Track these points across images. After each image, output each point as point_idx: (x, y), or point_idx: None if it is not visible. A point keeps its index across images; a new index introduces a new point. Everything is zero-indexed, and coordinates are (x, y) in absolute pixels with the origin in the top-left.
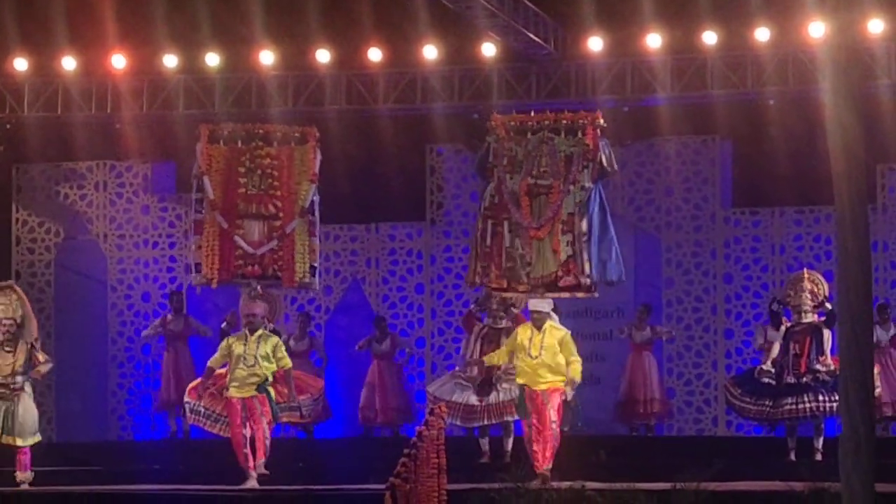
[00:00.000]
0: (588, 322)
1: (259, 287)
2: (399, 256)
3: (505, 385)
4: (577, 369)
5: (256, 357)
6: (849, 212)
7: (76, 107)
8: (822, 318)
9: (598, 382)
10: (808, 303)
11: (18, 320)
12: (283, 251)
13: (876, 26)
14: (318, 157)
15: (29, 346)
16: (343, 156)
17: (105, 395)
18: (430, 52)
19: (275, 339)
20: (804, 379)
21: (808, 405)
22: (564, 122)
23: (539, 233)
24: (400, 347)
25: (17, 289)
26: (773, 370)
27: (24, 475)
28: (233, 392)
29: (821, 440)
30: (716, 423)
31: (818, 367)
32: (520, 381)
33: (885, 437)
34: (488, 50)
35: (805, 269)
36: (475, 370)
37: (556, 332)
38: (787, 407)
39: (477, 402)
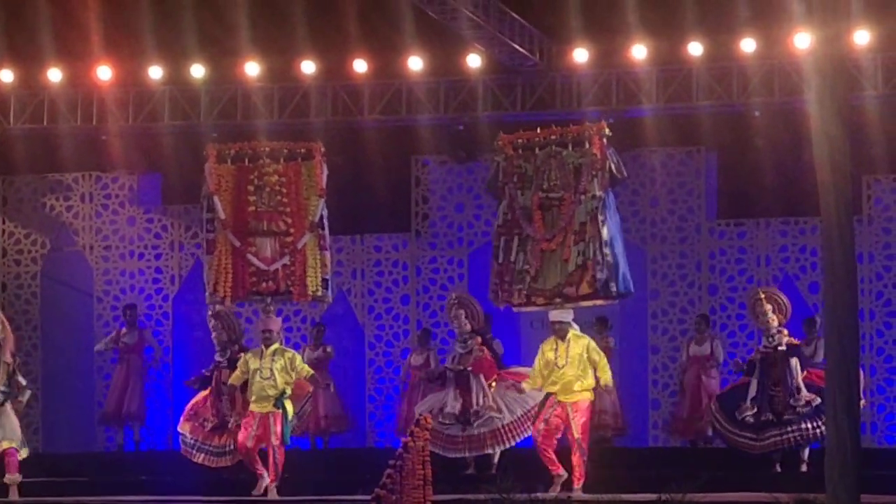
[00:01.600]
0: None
1: (271, 302)
2: (385, 267)
3: (483, 418)
4: (607, 374)
5: (272, 371)
6: (835, 223)
7: (62, 118)
8: (789, 342)
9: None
10: (773, 323)
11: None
12: (295, 266)
13: (861, 37)
14: (325, 171)
15: (8, 366)
16: (329, 167)
17: (91, 406)
18: (416, 63)
19: (290, 352)
20: (785, 416)
21: (792, 435)
22: (571, 134)
23: (550, 244)
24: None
25: None
26: (753, 410)
27: (12, 477)
28: (253, 406)
29: (806, 451)
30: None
31: (793, 402)
32: (550, 389)
33: (869, 448)
34: (474, 61)
35: (759, 288)
36: (458, 406)
37: (579, 340)
38: (773, 440)
39: (459, 433)
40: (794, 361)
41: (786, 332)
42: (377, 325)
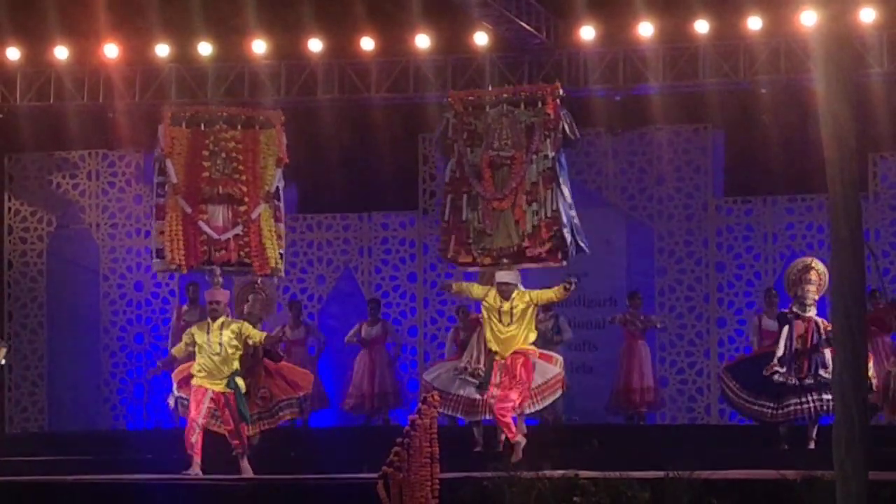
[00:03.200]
0: (580, 311)
1: (220, 273)
2: (392, 245)
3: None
4: (549, 293)
5: (222, 344)
6: (841, 200)
7: (69, 96)
8: (826, 329)
9: (590, 371)
10: (811, 295)
11: None
12: (249, 237)
13: (867, 15)
14: (285, 141)
15: None
16: (336, 145)
17: (97, 384)
18: (423, 41)
19: (237, 323)
20: (807, 381)
21: (812, 405)
22: (524, 94)
23: (502, 203)
24: (391, 336)
25: None
26: (782, 370)
27: None
28: (201, 381)
29: (814, 429)
30: (709, 411)
31: (821, 372)
32: (493, 348)
33: (876, 426)
34: (481, 39)
35: (813, 260)
36: (481, 366)
37: (522, 296)
38: (792, 408)
39: (479, 397)
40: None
41: (815, 308)
42: (384, 302)
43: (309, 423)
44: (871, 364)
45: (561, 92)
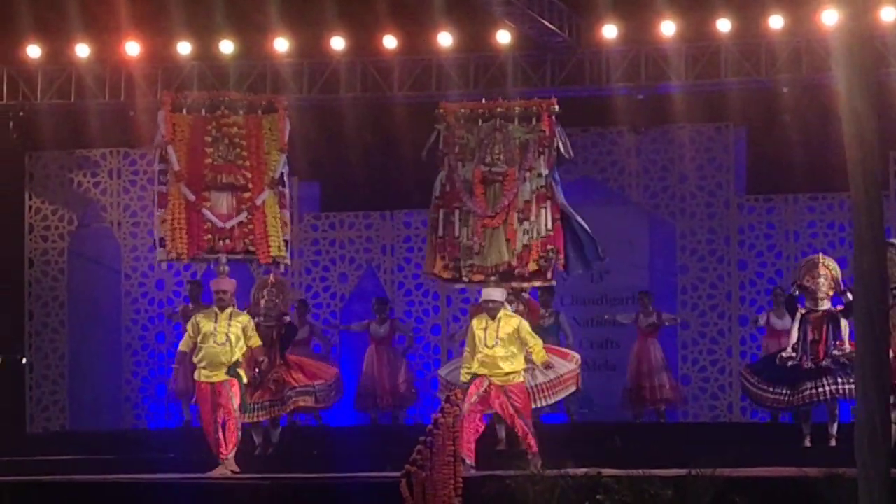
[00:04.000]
0: (603, 309)
1: (226, 262)
2: (415, 244)
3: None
4: (540, 353)
5: (228, 336)
6: (863, 198)
7: (90, 94)
8: (840, 308)
9: (612, 369)
10: (823, 289)
11: None
12: (253, 224)
13: (888, 14)
14: (288, 126)
15: None
16: (358, 143)
17: (119, 383)
18: (445, 39)
19: (245, 317)
20: (823, 363)
21: (827, 388)
22: (517, 109)
23: (493, 221)
24: (399, 331)
25: None
26: (794, 355)
27: None
28: (203, 375)
29: (835, 426)
30: (731, 409)
31: (836, 352)
32: (479, 371)
33: None
34: (503, 37)
35: (819, 255)
36: None
37: (511, 320)
38: (807, 392)
39: None
40: (844, 322)
41: (829, 301)
42: (407, 301)
43: (328, 422)
44: None
45: (556, 108)
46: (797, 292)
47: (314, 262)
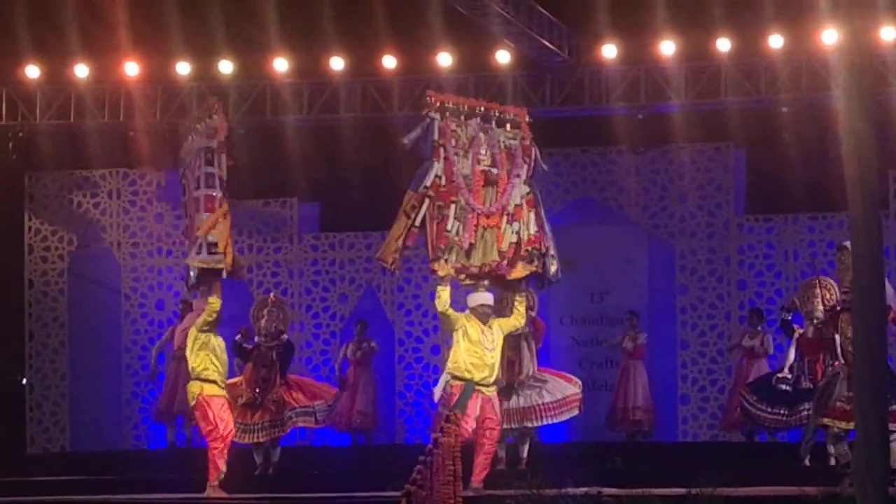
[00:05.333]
0: (603, 329)
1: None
2: (414, 264)
3: (527, 391)
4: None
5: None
6: (862, 218)
7: (89, 114)
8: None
9: (611, 389)
10: (819, 309)
11: None
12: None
13: (888, 34)
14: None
15: None
16: (358, 163)
17: (119, 403)
18: (445, 59)
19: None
20: (821, 384)
21: None
22: (495, 111)
23: (490, 221)
24: (373, 352)
25: None
26: (790, 377)
27: None
28: (219, 390)
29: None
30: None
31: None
32: (477, 375)
33: None
34: (503, 57)
35: (818, 276)
36: (501, 381)
37: (495, 323)
38: (805, 412)
39: (504, 405)
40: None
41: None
42: (407, 321)
43: (325, 442)
44: None
45: (528, 118)
46: (788, 316)
47: (314, 283)
